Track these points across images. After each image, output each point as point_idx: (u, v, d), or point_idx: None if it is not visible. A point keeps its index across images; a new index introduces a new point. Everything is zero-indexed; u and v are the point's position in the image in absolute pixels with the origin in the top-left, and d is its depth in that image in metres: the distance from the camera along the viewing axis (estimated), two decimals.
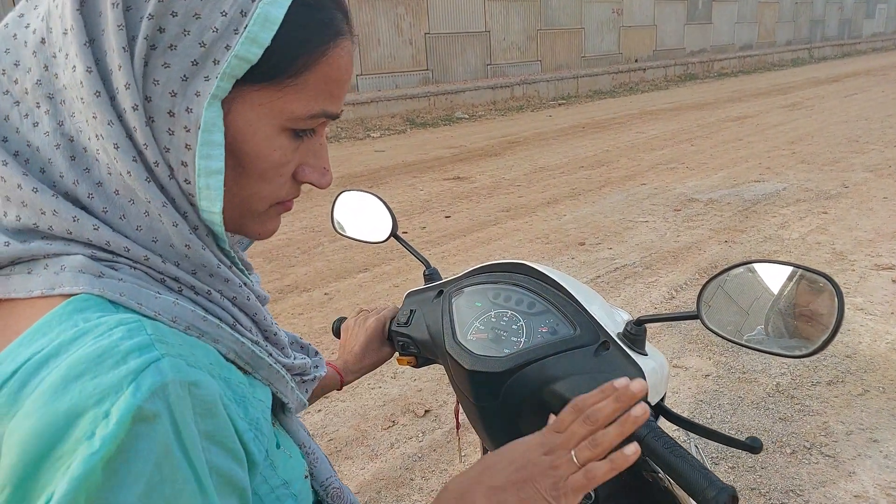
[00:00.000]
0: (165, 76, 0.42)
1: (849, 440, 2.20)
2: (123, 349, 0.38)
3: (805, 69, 17.92)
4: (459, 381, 0.84)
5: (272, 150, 0.47)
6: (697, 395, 2.53)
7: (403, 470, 2.17)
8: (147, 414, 0.37)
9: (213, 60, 0.42)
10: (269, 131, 0.46)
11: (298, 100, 0.46)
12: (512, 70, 13.27)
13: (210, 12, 0.42)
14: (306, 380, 0.59)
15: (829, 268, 3.69)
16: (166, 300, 0.44)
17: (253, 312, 0.51)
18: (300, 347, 0.65)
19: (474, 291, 0.90)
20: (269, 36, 0.43)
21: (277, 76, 0.45)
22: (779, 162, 6.49)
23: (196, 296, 0.46)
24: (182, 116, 0.43)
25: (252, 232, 0.53)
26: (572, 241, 4.41)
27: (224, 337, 0.46)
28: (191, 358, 0.41)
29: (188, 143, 0.43)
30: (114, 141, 0.42)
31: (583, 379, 0.74)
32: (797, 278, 0.63)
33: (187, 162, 0.44)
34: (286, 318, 3.36)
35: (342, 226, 1.10)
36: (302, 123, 0.48)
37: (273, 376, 0.51)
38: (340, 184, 6.34)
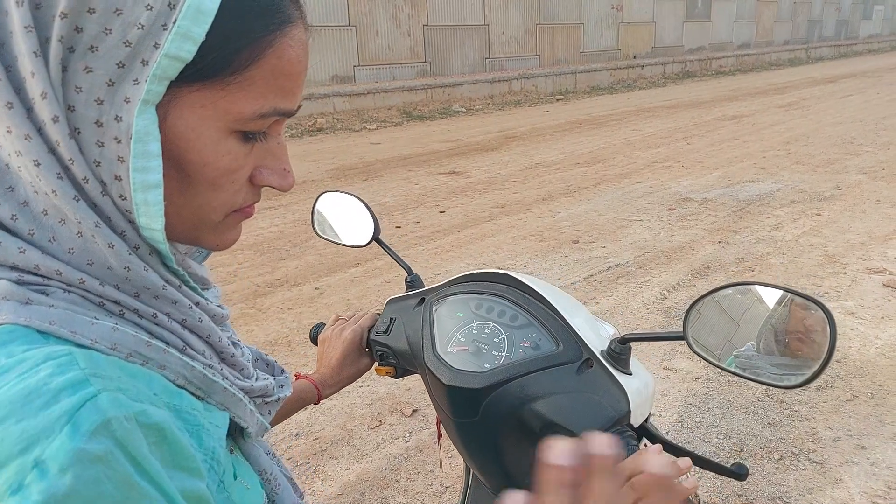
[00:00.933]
0: (88, 82, 0.38)
1: (836, 446, 2.19)
2: (53, 387, 0.35)
3: (802, 69, 17.92)
4: (437, 396, 0.82)
5: (220, 156, 0.43)
6: (686, 398, 2.51)
7: (389, 471, 2.15)
8: (93, 455, 0.33)
9: (141, 61, 0.38)
10: (214, 135, 0.42)
11: (245, 98, 0.42)
12: (510, 64, 13.20)
13: (133, 7, 0.37)
14: (269, 401, 0.56)
15: (822, 270, 3.69)
16: (104, 326, 0.40)
17: (206, 335, 0.47)
18: (265, 365, 0.62)
19: (456, 301, 0.87)
20: (203, 30, 0.38)
21: (218, 74, 0.40)
22: (774, 162, 6.48)
23: (140, 319, 0.43)
24: (111, 126, 0.39)
25: (208, 243, 0.49)
26: (566, 238, 4.39)
27: (171, 362, 0.43)
28: (132, 391, 0.38)
29: (121, 155, 0.39)
30: (34, 157, 0.38)
31: (564, 398, 0.71)
32: (788, 303, 0.60)
33: (121, 176, 0.40)
34: (275, 314, 3.33)
35: (322, 228, 1.07)
36: (252, 124, 0.43)
37: (229, 400, 0.48)
38: (336, 176, 6.30)
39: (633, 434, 0.68)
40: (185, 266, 0.48)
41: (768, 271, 3.72)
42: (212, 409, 0.47)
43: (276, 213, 5.07)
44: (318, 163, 6.96)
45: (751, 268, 3.78)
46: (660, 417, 2.40)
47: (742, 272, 3.73)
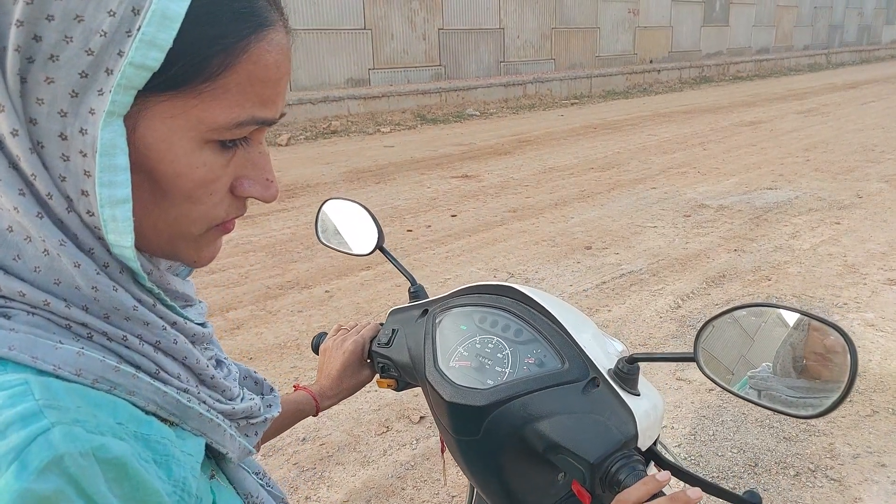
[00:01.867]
0: (51, 93, 0.36)
1: (855, 463, 2.13)
2: (2, 421, 0.33)
3: (822, 75, 17.68)
4: (439, 412, 0.79)
5: (195, 168, 0.41)
6: (700, 409, 2.46)
7: (395, 478, 2.13)
8: (40, 496, 0.31)
9: (105, 70, 0.36)
10: (187, 146, 0.40)
11: (219, 107, 0.39)
12: (525, 68, 13.16)
13: (95, 13, 0.35)
14: (254, 422, 0.54)
15: (841, 281, 3.61)
16: (69, 351, 0.38)
17: (182, 357, 0.45)
18: (254, 383, 0.59)
19: (460, 313, 0.85)
20: (170, 36, 0.36)
21: (188, 82, 0.38)
22: (792, 169, 6.38)
23: (109, 342, 0.40)
24: (76, 139, 0.37)
25: (186, 258, 0.46)
26: (579, 244, 4.34)
27: (141, 388, 0.41)
28: (91, 422, 0.36)
29: (87, 169, 0.37)
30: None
31: (569, 419, 0.68)
32: (805, 327, 0.57)
33: (88, 191, 0.37)
34: (285, 316, 3.32)
35: (326, 236, 1.05)
36: (228, 134, 0.41)
37: (206, 426, 0.46)
38: (350, 178, 6.31)
39: (640, 459, 0.65)
40: (164, 283, 0.46)
41: (785, 281, 3.65)
42: (186, 435, 0.44)
43: (289, 216, 5.07)
44: (331, 165, 6.98)
45: (767, 277, 3.71)
46: (672, 430, 2.35)
47: (758, 281, 3.66)
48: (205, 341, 0.49)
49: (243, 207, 0.47)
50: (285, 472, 2.16)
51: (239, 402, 0.51)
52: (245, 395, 0.53)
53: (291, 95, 9.59)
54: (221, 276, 3.86)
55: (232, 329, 3.19)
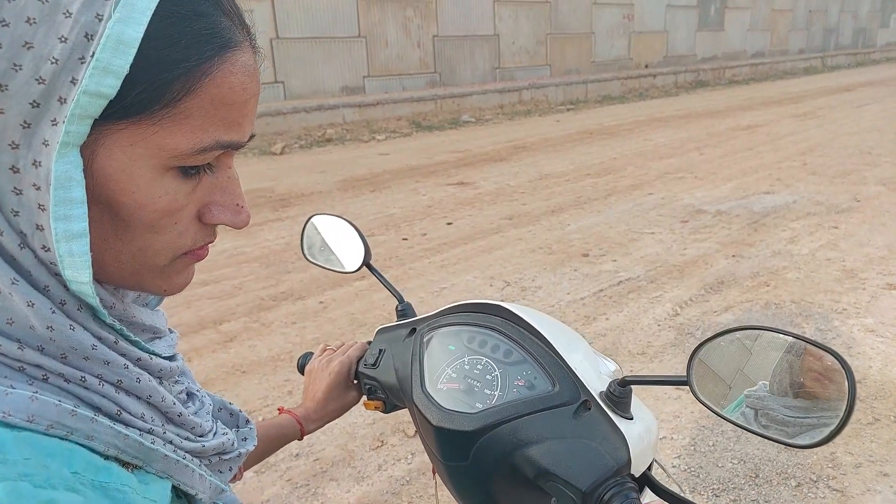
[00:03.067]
0: (3, 125, 0.34)
1: (857, 473, 2.09)
2: None
3: (817, 78, 17.74)
4: (426, 436, 0.76)
5: (157, 197, 0.39)
6: (700, 419, 2.43)
7: (390, 494, 2.09)
8: None
9: (58, 99, 0.34)
10: (148, 175, 0.38)
11: (180, 132, 0.38)
12: (520, 74, 13.19)
13: (45, 39, 0.33)
14: (228, 458, 0.51)
15: (840, 286, 3.58)
16: (21, 396, 0.35)
17: (146, 395, 0.42)
18: (229, 415, 0.57)
19: (448, 333, 0.82)
20: (126, 62, 0.34)
21: (147, 108, 0.36)
22: (789, 173, 6.37)
23: (66, 384, 0.38)
24: (29, 172, 0.35)
25: (154, 289, 0.44)
26: (576, 252, 4.32)
27: (100, 432, 0.38)
28: (40, 476, 0.33)
29: (41, 203, 0.35)
30: None
31: (560, 445, 0.65)
32: (801, 351, 0.54)
33: (43, 225, 0.36)
34: (279, 328, 3.29)
35: (312, 252, 1.02)
36: (191, 160, 0.39)
37: (172, 468, 0.43)
38: (345, 187, 6.28)
39: (634, 486, 0.62)
40: (129, 316, 0.43)
41: (784, 286, 3.62)
42: (150, 479, 0.42)
43: (283, 226, 5.04)
44: (326, 174, 6.95)
45: (766, 282, 3.69)
46: (671, 441, 2.31)
47: (757, 287, 3.63)
48: (173, 376, 0.47)
49: (213, 234, 0.45)
50: (279, 489, 2.12)
51: (211, 438, 0.49)
52: (218, 429, 0.51)
53: (285, 104, 9.59)
54: (215, 287, 3.83)
55: (225, 342, 3.15)
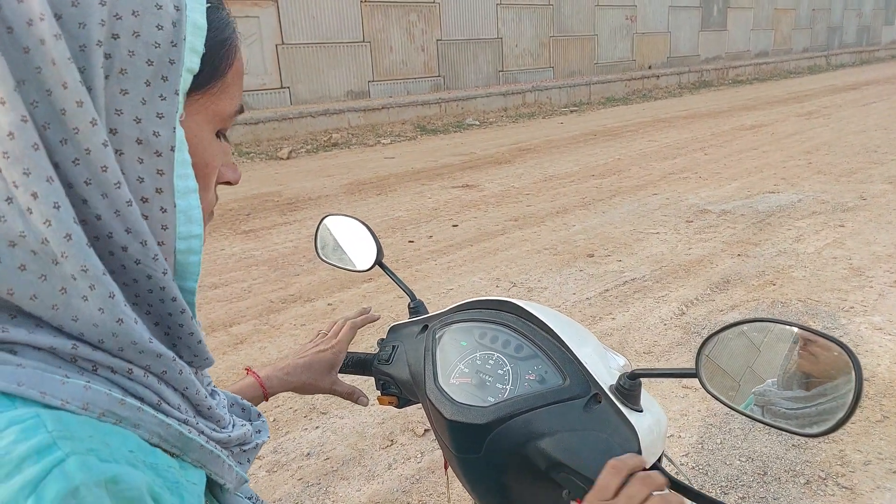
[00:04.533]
0: (127, 104, 0.40)
1: (867, 470, 2.10)
2: (17, 455, 0.33)
3: (822, 77, 17.69)
4: (440, 430, 0.78)
5: (215, 156, 0.47)
6: (707, 417, 2.44)
7: (400, 493, 2.11)
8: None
9: (161, 77, 0.41)
10: (208, 137, 0.46)
11: (225, 99, 0.46)
12: (524, 77, 13.21)
13: (148, 28, 0.40)
14: (247, 449, 0.54)
15: (846, 284, 3.58)
16: (76, 385, 0.38)
17: (183, 387, 0.45)
18: (241, 410, 0.60)
19: (460, 329, 0.84)
20: (202, 43, 0.43)
21: (210, 81, 0.44)
22: (794, 172, 6.36)
23: (114, 375, 0.41)
24: (151, 142, 0.41)
25: None
26: (581, 252, 4.33)
27: (146, 421, 0.41)
28: (104, 451, 0.36)
29: (160, 168, 0.41)
30: (54, 200, 0.37)
31: (571, 437, 0.67)
32: (809, 343, 0.56)
33: (162, 188, 0.42)
34: (288, 330, 3.31)
35: (325, 252, 1.05)
36: (229, 122, 0.48)
37: (205, 458, 0.46)
38: (351, 191, 6.32)
39: None
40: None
41: (790, 285, 3.62)
42: (187, 466, 0.44)
43: (291, 229, 5.08)
44: (332, 178, 6.99)
45: (772, 281, 3.69)
46: (679, 438, 2.32)
47: (763, 286, 3.63)
48: (206, 367, 0.50)
49: (217, 195, 0.53)
50: (290, 488, 2.15)
51: (232, 430, 0.51)
52: (236, 422, 0.53)
53: (291, 109, 9.64)
54: (224, 290, 3.86)
55: (235, 344, 3.18)
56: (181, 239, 0.43)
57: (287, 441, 2.40)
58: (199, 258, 0.45)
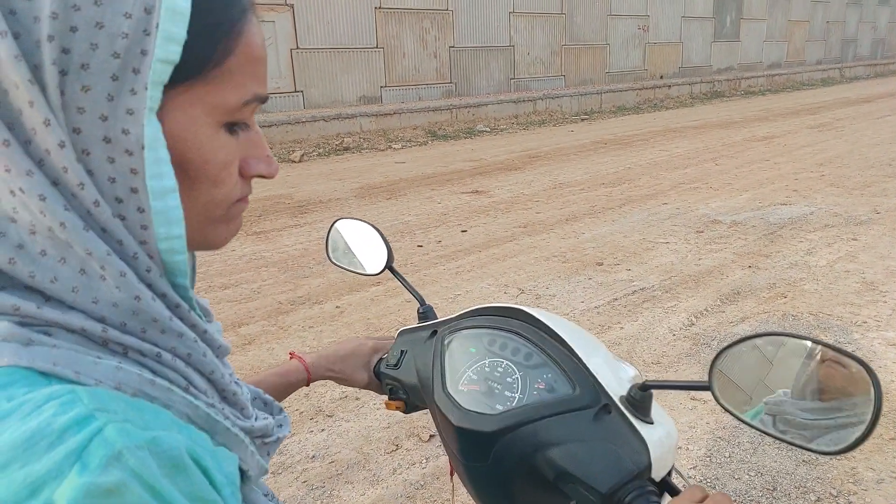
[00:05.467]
0: (90, 101, 0.37)
1: (879, 489, 2.07)
2: (58, 427, 0.34)
3: (835, 89, 17.57)
4: (447, 436, 0.78)
5: (217, 151, 0.44)
6: (715, 430, 2.41)
7: (405, 498, 2.10)
8: (107, 487, 0.33)
9: (132, 70, 0.38)
10: (208, 132, 0.43)
11: (228, 89, 0.43)
12: (535, 84, 13.22)
13: (113, 18, 0.37)
14: (268, 441, 0.54)
15: (859, 298, 3.54)
16: (108, 365, 0.39)
17: (209, 371, 0.46)
18: (263, 404, 0.60)
19: (469, 335, 0.84)
20: (183, 30, 0.39)
21: (200, 70, 0.41)
22: (806, 184, 6.31)
23: (143, 358, 0.41)
24: (120, 140, 0.38)
25: (219, 238, 0.49)
26: (590, 260, 4.31)
27: (176, 401, 0.42)
28: (140, 421, 0.37)
29: (133, 167, 0.39)
30: (38, 192, 0.37)
31: (580, 447, 0.66)
32: (826, 358, 0.55)
33: (137, 187, 0.39)
34: (296, 332, 3.32)
35: (336, 255, 1.05)
36: (237, 114, 0.44)
37: (231, 441, 0.46)
38: (361, 194, 6.34)
39: (654, 490, 0.63)
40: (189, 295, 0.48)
41: (801, 298, 3.59)
42: (218, 445, 0.45)
43: (301, 231, 5.10)
44: (343, 181, 7.02)
45: (783, 294, 3.66)
46: (687, 451, 2.30)
47: (773, 298, 3.60)
48: (224, 356, 0.50)
49: (250, 187, 0.50)
50: (294, 490, 2.14)
51: (255, 421, 0.51)
52: (258, 415, 0.53)
53: (305, 113, 9.70)
54: (234, 291, 3.88)
55: (244, 344, 3.19)
56: (161, 240, 0.41)
57: (292, 443, 2.40)
58: (183, 257, 0.43)
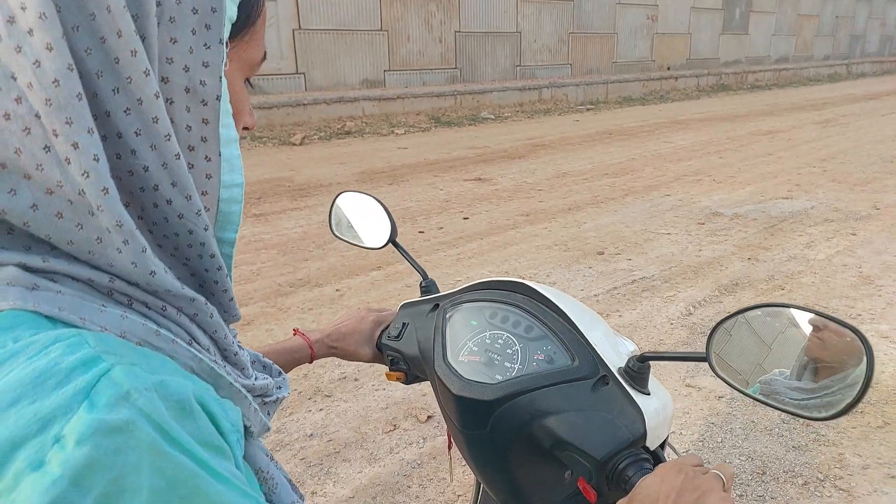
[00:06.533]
0: (177, 52, 0.40)
1: (865, 474, 2.10)
2: (65, 366, 0.34)
3: (842, 85, 17.48)
4: (447, 405, 0.80)
5: (245, 103, 0.48)
6: (709, 416, 2.45)
7: (402, 476, 2.13)
8: (115, 425, 0.33)
9: (205, 26, 0.41)
10: (240, 84, 0.47)
11: (255, 47, 0.47)
12: (541, 72, 13.15)
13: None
14: (268, 401, 0.56)
15: (855, 292, 3.57)
16: (114, 313, 0.39)
17: (213, 330, 0.47)
18: (262, 367, 0.61)
19: (471, 309, 0.86)
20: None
21: (243, 29, 0.45)
22: (809, 179, 6.32)
23: (148, 310, 0.42)
24: (198, 90, 0.41)
25: None
26: (591, 249, 4.33)
27: (180, 353, 0.42)
28: (147, 366, 0.37)
29: (205, 117, 0.42)
30: (94, 152, 0.36)
31: (577, 416, 0.68)
32: (821, 328, 0.57)
33: (207, 137, 0.42)
34: (296, 313, 3.35)
35: (339, 228, 1.06)
36: (257, 69, 0.49)
37: (234, 396, 0.47)
38: (363, 179, 6.34)
39: (648, 458, 0.65)
40: None
41: (799, 290, 3.61)
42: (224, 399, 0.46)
43: (301, 214, 5.11)
44: (345, 165, 7.01)
45: (781, 286, 3.68)
46: (680, 436, 2.33)
47: (772, 290, 3.63)
48: (235, 321, 0.52)
49: None
50: (292, 468, 2.18)
51: (255, 381, 0.53)
52: (258, 375, 0.55)
53: (306, 95, 9.66)
54: (233, 272, 3.89)
55: (242, 325, 3.21)
56: (224, 188, 0.44)
57: (291, 422, 2.44)
58: (240, 207, 0.46)
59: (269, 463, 0.53)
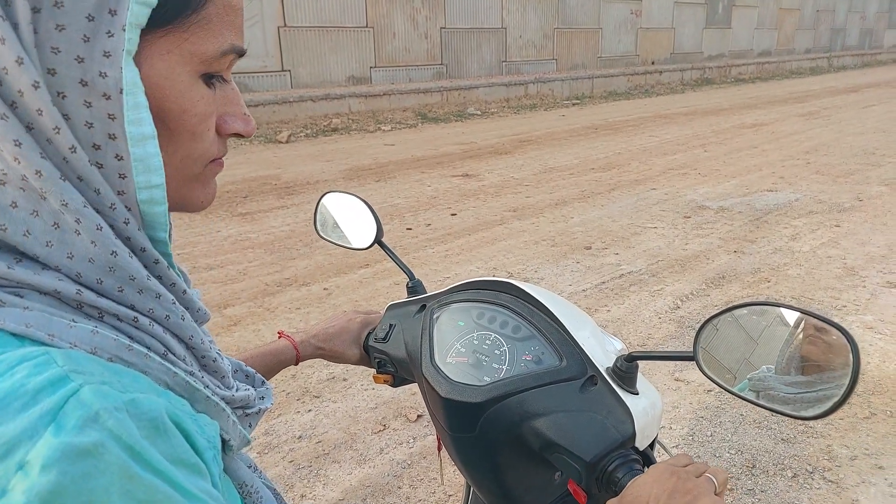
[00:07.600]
0: (65, 41, 0.36)
1: (853, 466, 2.12)
2: (31, 388, 0.33)
3: (823, 78, 17.67)
4: (435, 408, 0.78)
5: (195, 102, 0.42)
6: (698, 410, 2.46)
7: (392, 477, 2.12)
8: (83, 448, 0.31)
9: (108, 11, 0.36)
10: (186, 80, 0.41)
11: (207, 37, 0.41)
12: (527, 68, 13.15)
13: None
14: (250, 413, 0.53)
15: (840, 283, 3.60)
16: (84, 328, 0.38)
17: (188, 336, 0.45)
18: (245, 376, 0.59)
19: (458, 309, 0.84)
20: None
21: (178, 15, 0.39)
22: (793, 172, 6.37)
23: (120, 323, 0.40)
24: (97, 83, 0.37)
25: (195, 200, 0.47)
26: (578, 244, 4.34)
27: (153, 368, 0.40)
28: (118, 384, 0.36)
29: (111, 112, 0.37)
30: (13, 137, 0.35)
31: (566, 417, 0.67)
32: (807, 326, 0.56)
33: (116, 134, 0.38)
34: (283, 313, 3.31)
35: (325, 229, 1.04)
36: (216, 64, 0.43)
37: (211, 410, 0.45)
38: (350, 176, 6.30)
39: (637, 458, 0.65)
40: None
41: (785, 282, 3.64)
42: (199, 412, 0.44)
43: (288, 213, 5.07)
44: (331, 163, 6.97)
45: (767, 278, 3.71)
46: (670, 430, 2.34)
47: (758, 283, 3.65)
48: (206, 320, 0.49)
49: (226, 147, 0.49)
50: (281, 470, 2.16)
51: (235, 391, 0.51)
52: (239, 385, 0.53)
53: (292, 93, 9.59)
54: (220, 272, 3.85)
55: (229, 325, 3.18)
56: (140, 189, 0.40)
57: (279, 423, 2.41)
58: (163, 208, 0.41)
59: (252, 476, 0.52)
